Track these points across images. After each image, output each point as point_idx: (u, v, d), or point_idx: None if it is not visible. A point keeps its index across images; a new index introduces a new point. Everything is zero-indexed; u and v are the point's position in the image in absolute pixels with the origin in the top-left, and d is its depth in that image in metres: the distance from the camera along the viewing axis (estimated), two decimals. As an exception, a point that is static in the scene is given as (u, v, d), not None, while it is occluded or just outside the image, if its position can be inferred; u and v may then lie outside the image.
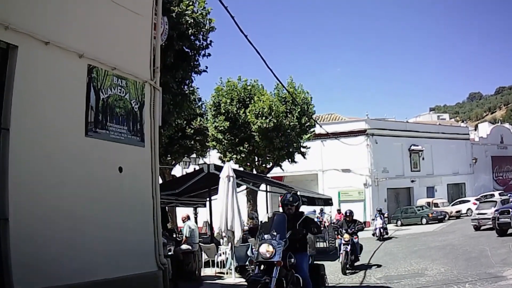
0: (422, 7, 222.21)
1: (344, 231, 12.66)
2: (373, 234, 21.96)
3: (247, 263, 10.40)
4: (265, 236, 5.37)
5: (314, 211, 16.40)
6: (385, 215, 25.05)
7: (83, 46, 5.60)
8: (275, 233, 5.32)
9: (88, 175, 5.60)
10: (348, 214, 13.52)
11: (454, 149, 38.33)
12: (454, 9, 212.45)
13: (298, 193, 13.83)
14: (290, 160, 21.94)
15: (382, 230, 21.48)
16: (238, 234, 9.90)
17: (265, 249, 5.19)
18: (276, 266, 5.08)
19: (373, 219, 25.55)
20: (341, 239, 12.67)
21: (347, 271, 11.75)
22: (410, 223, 28.28)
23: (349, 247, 12.05)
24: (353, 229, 12.76)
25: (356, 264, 12.59)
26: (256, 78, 23.40)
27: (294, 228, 5.66)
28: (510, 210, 15.83)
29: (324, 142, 31.59)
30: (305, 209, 22.18)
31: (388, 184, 33.43)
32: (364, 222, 29.49)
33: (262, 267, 5.24)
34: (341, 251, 12.10)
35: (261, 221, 6.09)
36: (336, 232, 14.81)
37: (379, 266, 12.51)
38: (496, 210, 16.89)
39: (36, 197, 4.86)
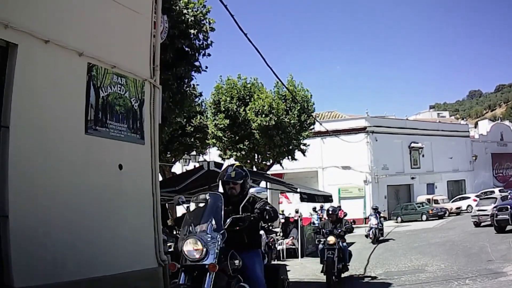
0: (421, 5, 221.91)
1: (327, 233, 9.95)
2: (367, 236, 19.36)
3: None
4: (192, 228, 3.74)
5: (266, 189, 12.10)
6: (381, 214, 21.85)
7: (83, 45, 5.61)
8: (206, 223, 3.70)
9: (88, 173, 5.61)
10: (331, 212, 10.60)
11: (454, 146, 38.40)
12: (453, 7, 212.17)
13: (298, 189, 13.81)
14: (290, 157, 21.97)
15: (376, 232, 18.94)
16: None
17: (192, 247, 3.57)
18: (210, 272, 3.49)
19: (366, 218, 24.90)
20: (324, 242, 9.94)
21: (333, 282, 9.35)
22: (410, 220, 28.39)
23: (335, 253, 9.54)
24: (339, 230, 10.00)
25: (344, 275, 10.19)
26: (256, 76, 23.48)
27: (237, 213, 4.03)
28: (508, 206, 15.86)
29: (324, 139, 31.65)
30: (302, 205, 22.10)
31: (388, 181, 33.51)
32: (365, 219, 29.58)
33: (190, 273, 3.65)
34: (324, 258, 9.57)
35: (188, 207, 4.10)
36: (316, 235, 10.97)
37: (374, 278, 10.54)
38: (494, 207, 16.92)
39: (36, 194, 4.87)
